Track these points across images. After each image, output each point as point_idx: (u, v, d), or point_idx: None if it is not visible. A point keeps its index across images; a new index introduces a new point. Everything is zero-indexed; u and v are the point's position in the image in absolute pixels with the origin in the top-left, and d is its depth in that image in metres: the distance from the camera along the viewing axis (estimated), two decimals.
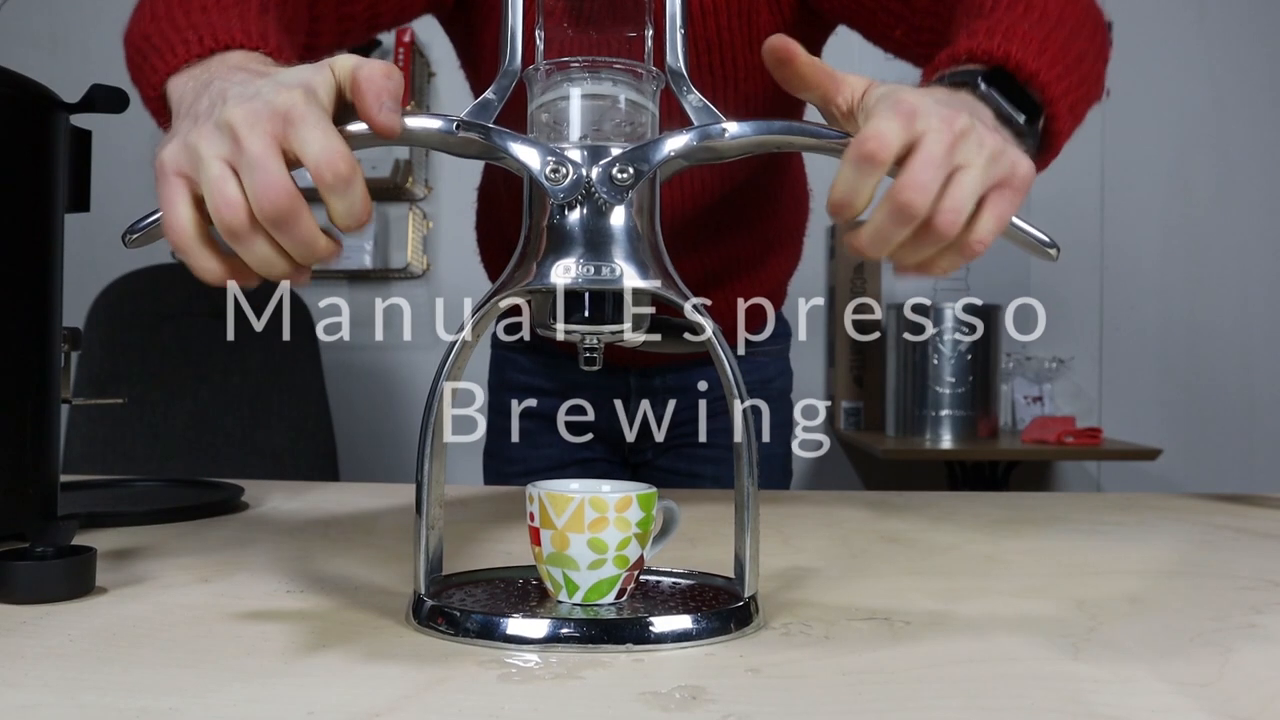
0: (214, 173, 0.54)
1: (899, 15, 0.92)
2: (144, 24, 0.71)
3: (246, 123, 0.54)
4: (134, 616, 0.62)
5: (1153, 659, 0.55)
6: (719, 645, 0.57)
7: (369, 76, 0.56)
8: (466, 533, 0.90)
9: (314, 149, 0.53)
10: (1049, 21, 0.74)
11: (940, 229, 0.56)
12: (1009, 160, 0.58)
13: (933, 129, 0.56)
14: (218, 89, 0.58)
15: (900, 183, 0.55)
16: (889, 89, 0.59)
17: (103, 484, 1.15)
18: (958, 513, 1.04)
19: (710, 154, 0.60)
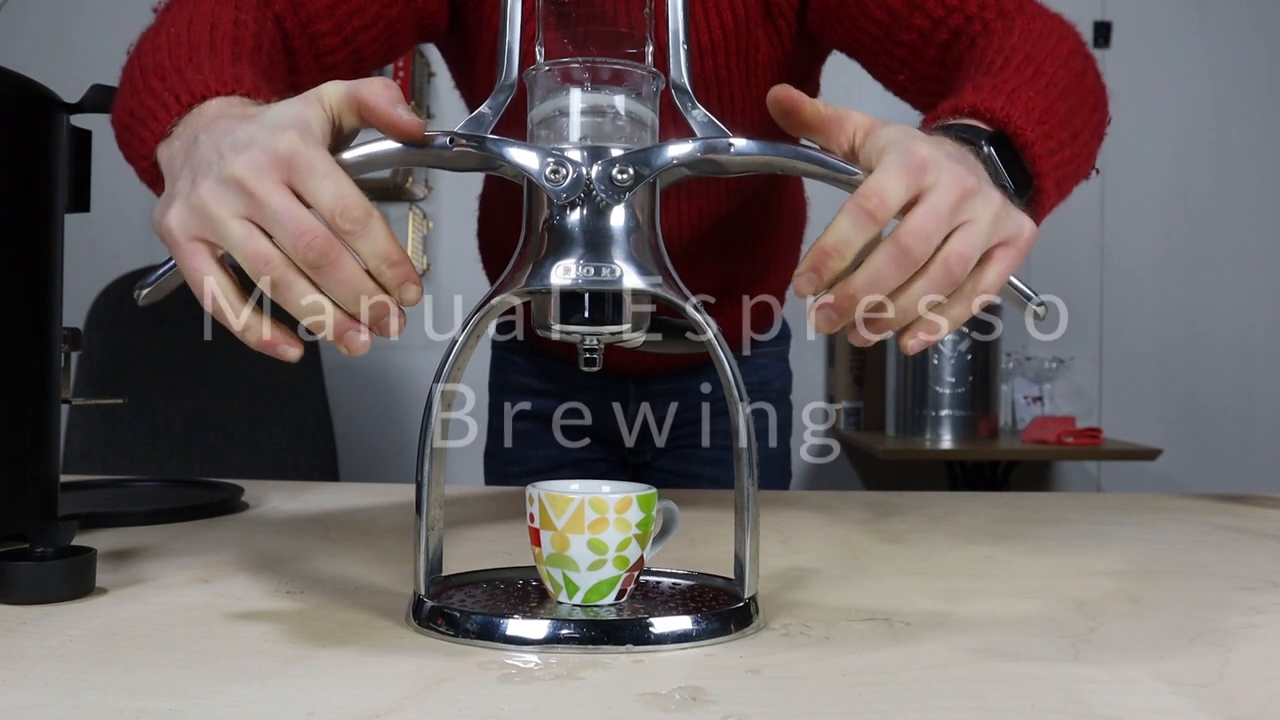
0: (238, 232, 0.53)
1: (904, 61, 0.92)
2: (125, 100, 0.71)
3: (254, 175, 0.53)
4: (134, 617, 0.62)
5: (1152, 659, 0.55)
6: (719, 646, 0.57)
7: (372, 93, 0.56)
8: (466, 533, 0.90)
9: (327, 198, 0.53)
10: (1054, 91, 0.75)
11: (950, 271, 0.56)
12: (1015, 222, 0.59)
13: (942, 184, 0.56)
14: (206, 143, 0.57)
15: (903, 228, 0.55)
16: (900, 135, 0.58)
17: (103, 484, 1.15)
18: (958, 513, 1.04)
19: (713, 167, 0.60)
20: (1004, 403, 3.19)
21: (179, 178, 0.58)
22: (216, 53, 0.72)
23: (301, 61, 0.88)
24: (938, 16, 0.89)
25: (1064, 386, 3.23)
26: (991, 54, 0.81)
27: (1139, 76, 3.28)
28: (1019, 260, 0.59)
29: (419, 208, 3.32)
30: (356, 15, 0.90)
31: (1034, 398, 3.16)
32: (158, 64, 0.70)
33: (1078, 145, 0.76)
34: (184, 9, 0.79)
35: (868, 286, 0.56)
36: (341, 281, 0.53)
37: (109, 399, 1.20)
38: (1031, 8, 0.89)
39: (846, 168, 0.59)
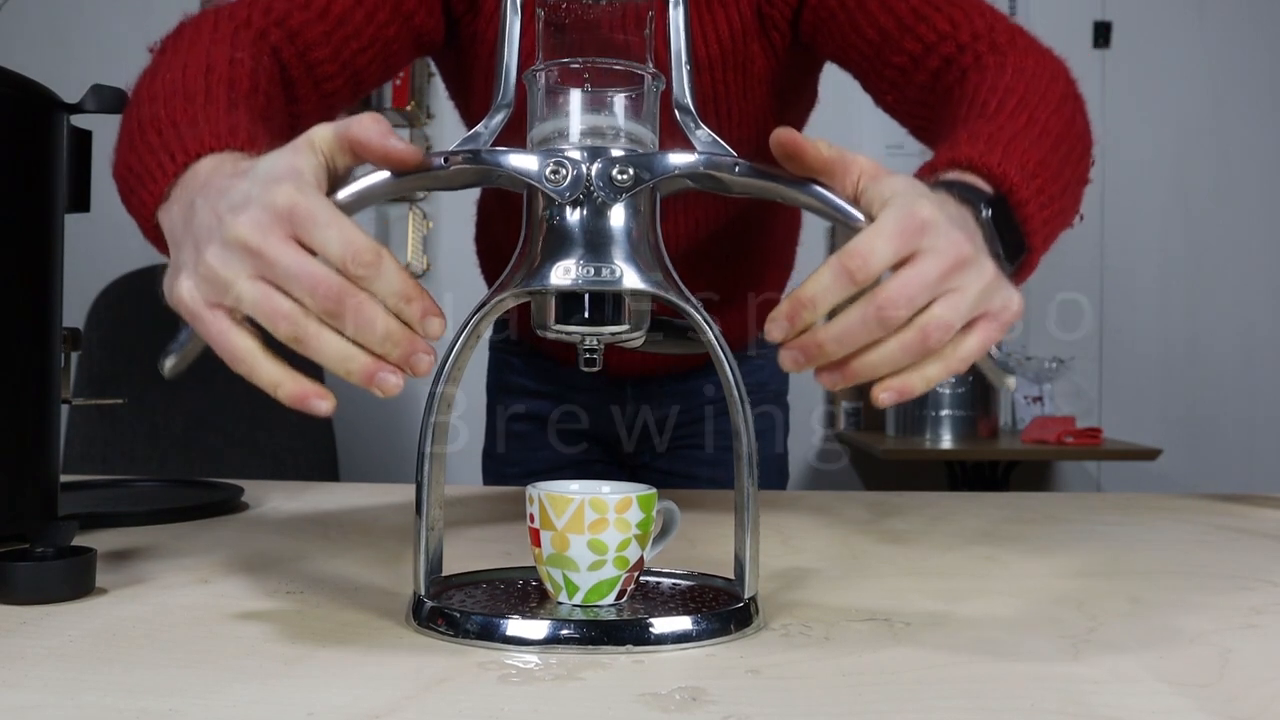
0: (253, 293, 0.53)
1: (894, 83, 0.92)
2: (124, 153, 0.71)
3: (258, 234, 0.53)
4: (134, 617, 0.62)
5: (1152, 659, 0.55)
6: (719, 646, 0.57)
7: (363, 130, 0.56)
8: (466, 533, 0.90)
9: (334, 246, 0.53)
10: (1047, 141, 0.76)
11: (926, 338, 0.55)
12: (1003, 296, 0.58)
13: (938, 250, 0.55)
14: (203, 208, 0.57)
15: (883, 290, 0.54)
16: (905, 189, 0.57)
17: (103, 484, 1.15)
18: (958, 513, 1.04)
19: (715, 184, 0.60)
20: (1004, 403, 3.19)
21: (182, 247, 0.58)
22: (212, 100, 0.72)
23: (300, 91, 0.88)
24: (929, 42, 0.89)
25: (1064, 386, 3.23)
26: (985, 93, 0.81)
27: (1139, 76, 3.28)
28: (1002, 333, 0.58)
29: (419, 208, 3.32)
30: (353, 39, 0.90)
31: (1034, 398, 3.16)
32: (154, 115, 0.70)
33: (1066, 198, 0.77)
34: (179, 52, 0.79)
35: (836, 341, 0.56)
36: (364, 325, 0.53)
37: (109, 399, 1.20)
38: (1024, 41, 0.88)
39: (849, 211, 0.58)
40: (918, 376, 0.57)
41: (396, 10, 0.92)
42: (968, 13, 0.90)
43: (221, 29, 0.83)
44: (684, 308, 0.59)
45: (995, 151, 0.71)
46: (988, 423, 2.88)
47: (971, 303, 0.56)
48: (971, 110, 0.80)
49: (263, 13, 0.87)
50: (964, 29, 0.88)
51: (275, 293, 0.53)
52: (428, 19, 0.95)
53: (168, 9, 2.98)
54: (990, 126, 0.75)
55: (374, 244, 0.53)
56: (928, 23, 0.89)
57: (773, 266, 1.24)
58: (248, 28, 0.85)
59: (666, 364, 1.24)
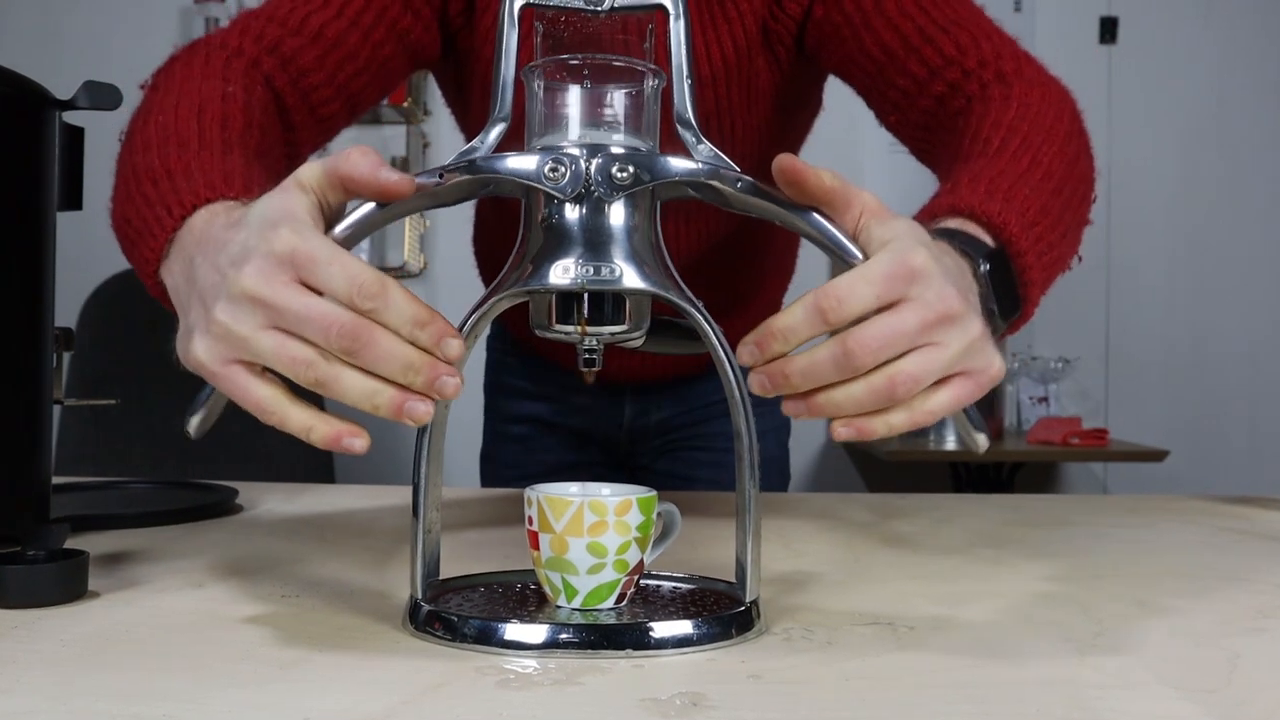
0: (268, 344, 0.53)
1: (897, 105, 0.92)
2: (121, 204, 0.72)
3: (263, 284, 0.53)
4: (127, 621, 0.62)
5: (1159, 664, 0.55)
6: (720, 651, 0.57)
7: (353, 166, 0.55)
8: (464, 536, 0.90)
9: (339, 284, 0.53)
10: (1049, 186, 0.76)
11: (894, 388, 0.55)
12: (985, 358, 0.58)
13: (923, 301, 0.55)
14: (203, 265, 0.57)
15: (856, 333, 0.54)
16: (904, 233, 0.57)
17: (95, 486, 1.15)
18: (962, 515, 1.04)
19: (715, 197, 0.59)
20: (1009, 403, 3.19)
21: (189, 308, 0.58)
22: (206, 144, 0.72)
23: (296, 118, 0.88)
24: (935, 66, 0.89)
25: (1070, 387, 3.23)
26: (988, 128, 0.81)
27: (1145, 72, 3.28)
28: (977, 395, 0.58)
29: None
30: (349, 62, 0.90)
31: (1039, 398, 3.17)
32: (148, 165, 0.70)
33: (1065, 244, 0.77)
34: (171, 90, 0.79)
35: (802, 375, 0.55)
36: (382, 357, 0.53)
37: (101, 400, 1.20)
38: (1030, 71, 0.88)
39: (847, 247, 0.58)
40: (880, 421, 0.56)
41: (392, 29, 0.92)
42: (975, 37, 0.89)
43: (213, 62, 0.83)
44: (685, 308, 0.59)
45: (996, 199, 0.71)
46: (992, 423, 2.88)
47: (949, 360, 0.56)
48: (974, 147, 0.80)
49: (254, 40, 0.86)
50: (970, 54, 0.88)
51: (290, 340, 0.53)
52: (424, 34, 0.95)
53: (161, 6, 2.98)
54: (992, 169, 0.75)
55: (378, 275, 0.53)
56: (934, 45, 0.89)
57: (773, 273, 1.24)
58: (239, 57, 0.85)
59: (665, 370, 1.24)
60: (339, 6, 0.90)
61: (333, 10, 0.89)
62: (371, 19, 0.91)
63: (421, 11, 0.94)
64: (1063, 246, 0.77)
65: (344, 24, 0.89)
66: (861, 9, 0.92)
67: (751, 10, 0.95)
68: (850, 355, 0.54)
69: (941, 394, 0.57)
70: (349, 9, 0.90)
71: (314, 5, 0.89)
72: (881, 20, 0.91)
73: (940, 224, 0.70)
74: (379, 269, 0.54)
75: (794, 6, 0.95)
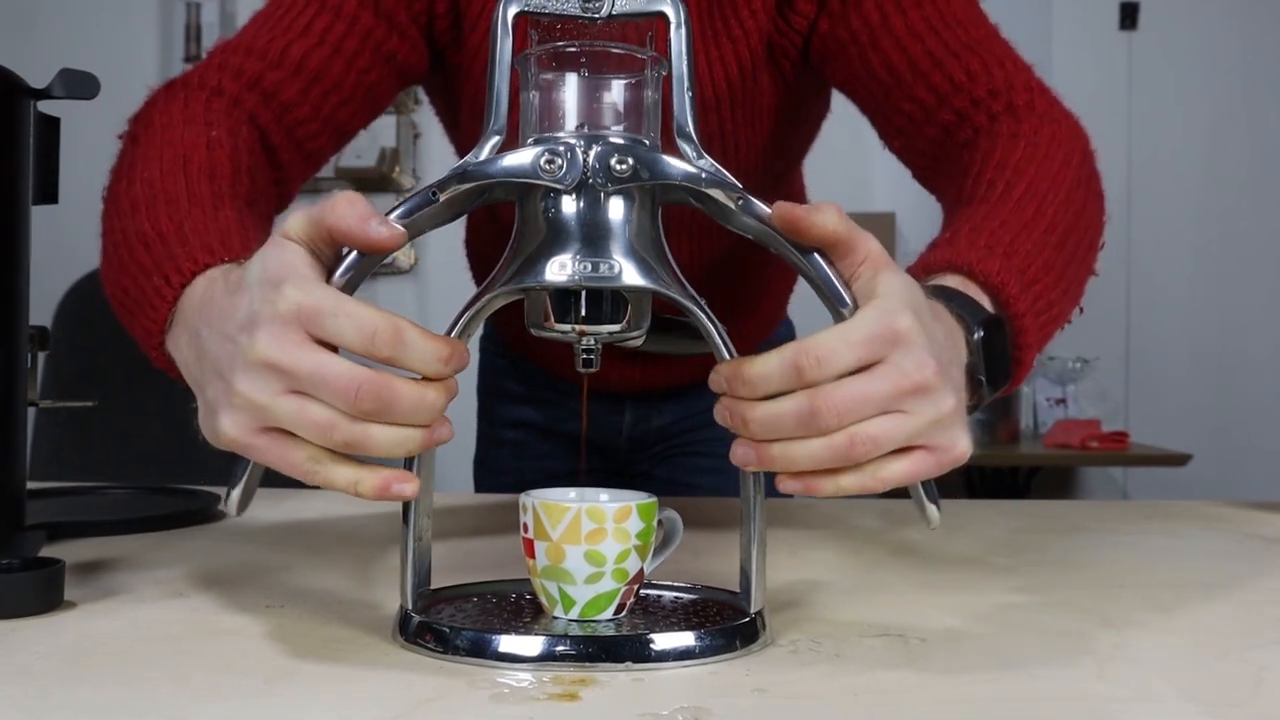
0: (289, 409, 0.54)
1: (902, 130, 0.91)
2: (114, 272, 0.72)
3: (275, 348, 0.53)
4: (105, 633, 0.62)
5: (1181, 678, 0.55)
6: (723, 664, 0.57)
7: (339, 218, 0.55)
8: (456, 544, 0.90)
9: (351, 335, 0.53)
10: (1053, 238, 0.76)
11: (852, 449, 0.54)
12: (952, 435, 0.58)
13: (899, 367, 0.55)
14: (210, 337, 0.58)
15: (824, 392, 0.54)
16: (898, 291, 0.57)
17: (72, 491, 1.15)
18: (976, 522, 1.04)
19: (714, 208, 0.59)
20: (1025, 405, 3.19)
21: (206, 384, 0.59)
22: (195, 200, 0.73)
23: (284, 156, 0.88)
24: (943, 92, 0.88)
25: (1088, 388, 3.23)
26: (993, 169, 0.81)
27: (1167, 60, 3.28)
28: (935, 473, 0.58)
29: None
30: (334, 93, 0.89)
31: (1057, 400, 3.17)
32: (138, 229, 0.71)
33: (1066, 301, 0.77)
34: (153, 141, 0.79)
35: (762, 425, 0.56)
36: (406, 411, 0.54)
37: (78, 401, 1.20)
38: (1043, 105, 0.87)
39: (841, 295, 0.57)
40: (830, 481, 0.56)
41: (378, 53, 0.91)
42: (987, 64, 0.88)
43: (193, 105, 0.83)
44: (688, 306, 0.59)
45: (995, 256, 0.71)
46: (1008, 426, 2.88)
47: (913, 430, 0.56)
48: (978, 188, 0.80)
49: (233, 77, 0.86)
50: (981, 82, 0.87)
51: (309, 403, 0.54)
52: (412, 54, 0.93)
53: None
54: (994, 220, 0.75)
55: (388, 319, 0.54)
56: (943, 70, 0.88)
57: (778, 276, 1.24)
58: (220, 96, 0.85)
59: (666, 382, 1.24)
60: (320, 33, 0.88)
61: (314, 38, 0.88)
62: (355, 45, 0.89)
63: (408, 32, 0.92)
64: (1063, 304, 0.77)
65: (326, 52, 0.88)
66: (869, 26, 0.90)
67: (757, 28, 0.93)
68: (816, 415, 0.54)
69: (899, 463, 0.56)
70: (331, 35, 0.89)
71: (294, 33, 0.88)
72: (889, 40, 0.89)
73: (937, 280, 0.70)
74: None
75: (799, 20, 0.93)
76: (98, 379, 2.17)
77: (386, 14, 0.91)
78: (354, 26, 0.89)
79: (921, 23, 0.89)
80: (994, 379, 0.69)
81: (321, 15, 0.89)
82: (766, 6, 0.92)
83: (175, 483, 1.18)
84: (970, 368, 0.65)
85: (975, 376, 0.66)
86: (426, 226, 0.59)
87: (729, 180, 0.59)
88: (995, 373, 0.69)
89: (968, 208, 0.79)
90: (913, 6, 0.90)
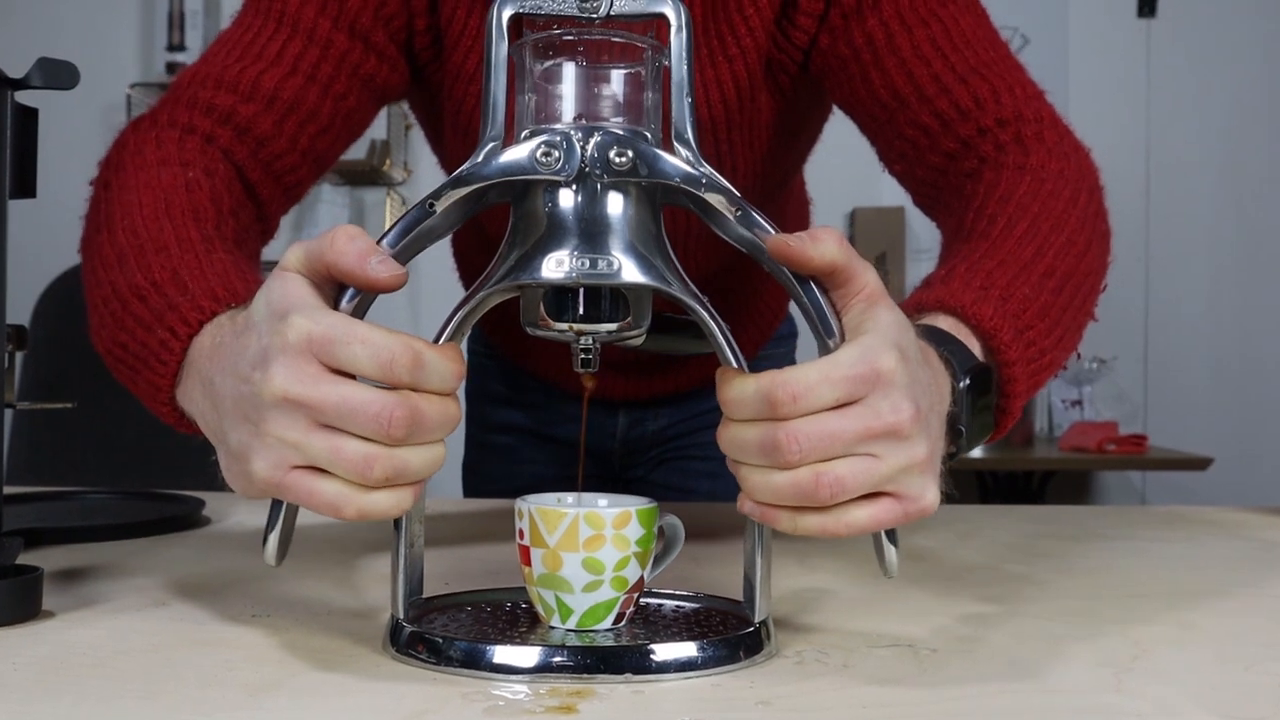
0: (323, 446, 0.54)
1: (903, 155, 0.91)
2: (110, 328, 0.73)
3: (294, 383, 0.54)
4: (84, 643, 0.62)
5: (1203, 691, 0.55)
6: (727, 675, 0.57)
7: (338, 253, 0.56)
8: (449, 551, 0.90)
9: (367, 363, 0.54)
10: (1052, 280, 0.76)
11: (817, 489, 0.54)
12: (920, 485, 0.57)
13: (875, 410, 0.54)
14: (225, 384, 0.58)
15: (789, 426, 0.54)
16: (887, 329, 0.56)
17: (50, 497, 1.15)
18: (989, 528, 1.04)
19: (710, 215, 0.59)
20: (1040, 407, 3.19)
21: (227, 431, 0.59)
22: (185, 244, 0.73)
23: (264, 192, 0.87)
24: (948, 119, 0.87)
25: (1105, 389, 3.23)
26: (994, 205, 0.80)
27: (1186, 49, 3.28)
28: (900, 522, 0.57)
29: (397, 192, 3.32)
30: (310, 123, 0.88)
31: (1073, 401, 3.17)
32: (130, 282, 0.71)
33: (1060, 349, 0.77)
34: (127, 186, 0.79)
35: (727, 445, 0.56)
36: (433, 429, 0.55)
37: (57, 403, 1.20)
38: (1052, 138, 0.86)
39: (830, 326, 0.57)
40: (789, 518, 0.56)
41: (355, 76, 0.89)
42: (996, 90, 0.87)
43: (166, 146, 0.82)
44: (689, 303, 0.59)
45: (990, 300, 0.71)
46: (1022, 428, 2.88)
47: (881, 477, 0.55)
48: (979, 223, 0.80)
49: (204, 113, 0.85)
50: (989, 110, 0.86)
51: (345, 440, 0.54)
52: (391, 74, 0.92)
53: None
54: (991, 259, 0.75)
55: (405, 344, 0.54)
56: (949, 96, 0.86)
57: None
58: (192, 134, 0.84)
59: (664, 390, 1.24)
60: (293, 61, 0.87)
61: (285, 67, 0.86)
62: (330, 71, 0.88)
63: (386, 51, 0.90)
64: (1056, 352, 0.77)
65: (300, 81, 0.86)
66: (872, 45, 0.88)
67: (755, 45, 0.91)
68: (778, 447, 0.54)
69: (863, 510, 0.56)
70: (304, 63, 0.87)
71: (265, 62, 0.86)
72: (894, 60, 0.88)
73: (929, 320, 0.70)
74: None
75: (799, 35, 0.91)
76: (77, 380, 2.16)
77: (362, 35, 0.89)
78: (328, 51, 0.88)
79: (928, 43, 0.87)
80: (977, 430, 0.69)
81: (293, 41, 0.87)
82: (765, 23, 0.90)
83: (157, 487, 1.18)
84: (951, 417, 0.64)
85: (954, 427, 0.65)
86: (428, 242, 0.59)
87: (729, 188, 0.59)
88: (979, 423, 0.69)
89: (966, 243, 0.79)
90: (919, 24, 0.88)
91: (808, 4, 0.89)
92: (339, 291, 0.57)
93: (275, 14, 0.88)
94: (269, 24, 0.88)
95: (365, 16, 0.88)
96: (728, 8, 0.89)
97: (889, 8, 0.88)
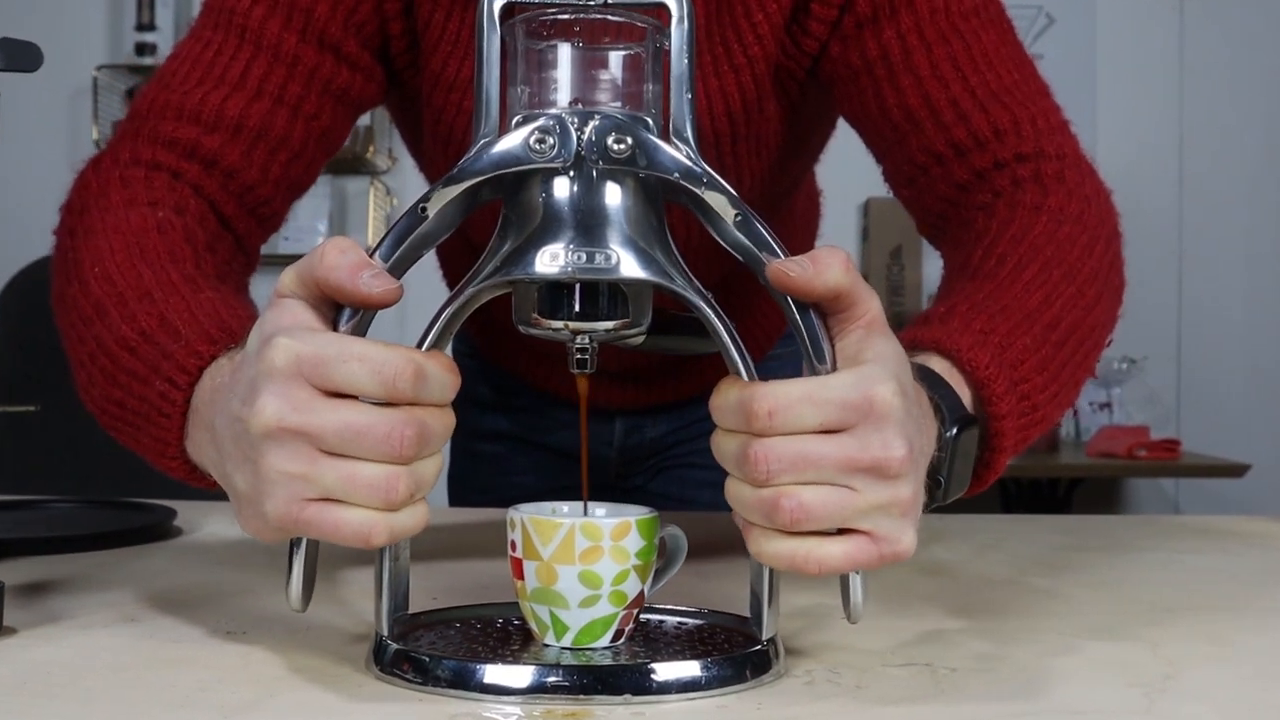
0: (334, 476, 0.54)
1: (912, 180, 0.90)
2: (99, 384, 0.73)
3: (291, 413, 0.53)
4: (49, 661, 0.62)
5: (1237, 711, 0.56)
6: (732, 696, 0.57)
7: (330, 268, 0.56)
8: (436, 565, 0.90)
9: (365, 381, 0.54)
10: (1055, 333, 0.75)
11: (780, 514, 0.54)
12: (898, 529, 0.57)
13: (862, 440, 0.54)
14: (225, 426, 0.58)
15: (762, 444, 0.54)
16: (883, 360, 0.56)
17: (12, 506, 1.15)
18: (1012, 539, 1.04)
19: (708, 215, 0.59)
20: None
21: (232, 476, 0.58)
22: (169, 290, 0.72)
23: (239, 226, 0.87)
24: (964, 148, 0.85)
25: (1135, 390, 3.23)
26: (1005, 244, 0.80)
27: (1222, 29, 3.28)
28: (873, 565, 0.57)
29: (381, 181, 3.32)
30: (281, 149, 0.86)
31: (1101, 404, 3.17)
32: (117, 335, 0.71)
33: (1053, 406, 0.76)
34: (94, 232, 0.78)
35: (714, 451, 0.57)
36: (438, 441, 0.56)
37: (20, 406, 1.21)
38: (1074, 177, 0.85)
39: (821, 350, 0.57)
40: (756, 537, 0.56)
41: (326, 92, 0.88)
42: (1017, 121, 0.85)
43: (131, 185, 0.82)
44: (693, 300, 0.59)
45: (988, 347, 0.71)
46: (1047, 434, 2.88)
47: (857, 510, 0.55)
48: (986, 262, 0.79)
49: (166, 148, 0.84)
50: (1009, 144, 0.85)
51: (359, 467, 0.54)
52: (366, 84, 0.91)
53: None
54: (994, 303, 0.75)
55: (405, 357, 0.54)
56: (967, 125, 0.85)
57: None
58: (157, 171, 0.83)
59: (663, 399, 1.23)
60: (257, 84, 0.85)
61: (250, 90, 0.85)
62: (299, 90, 0.86)
63: (360, 60, 0.89)
64: (1050, 408, 0.76)
65: (266, 104, 0.85)
66: (887, 59, 0.86)
67: (763, 54, 0.89)
68: (747, 463, 0.54)
69: (836, 545, 0.55)
70: (269, 85, 0.85)
71: (227, 87, 0.84)
72: (909, 79, 0.86)
73: (922, 360, 0.70)
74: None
75: (810, 43, 0.90)
76: (42, 382, 2.16)
77: (333, 46, 0.87)
78: (295, 69, 0.86)
79: (947, 62, 0.86)
80: (955, 484, 0.68)
81: (256, 61, 0.85)
82: (774, 29, 0.89)
83: (126, 495, 1.18)
84: (933, 465, 0.63)
85: (934, 477, 0.65)
86: (424, 249, 0.59)
87: (730, 190, 0.59)
88: (958, 477, 0.68)
89: (971, 281, 0.78)
90: (938, 41, 0.86)
91: (821, 9, 0.88)
92: (338, 313, 0.57)
93: (236, 29, 0.86)
94: (230, 40, 0.86)
95: (334, 26, 0.87)
96: (734, 13, 0.88)
97: (907, 19, 0.86)
